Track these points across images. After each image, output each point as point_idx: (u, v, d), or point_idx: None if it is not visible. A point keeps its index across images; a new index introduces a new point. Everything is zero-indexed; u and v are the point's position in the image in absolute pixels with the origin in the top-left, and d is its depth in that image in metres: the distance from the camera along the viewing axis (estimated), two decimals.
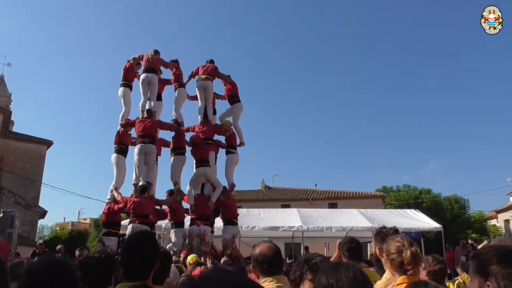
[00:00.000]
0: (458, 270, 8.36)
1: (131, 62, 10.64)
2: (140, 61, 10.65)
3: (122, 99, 10.46)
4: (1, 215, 6.86)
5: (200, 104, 10.68)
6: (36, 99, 74.54)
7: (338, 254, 4.10)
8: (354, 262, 3.25)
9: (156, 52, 10.59)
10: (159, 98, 10.93)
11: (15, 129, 28.92)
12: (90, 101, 78.19)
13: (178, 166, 10.27)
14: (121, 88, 10.49)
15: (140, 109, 10.37)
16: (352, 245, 3.57)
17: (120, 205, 9.00)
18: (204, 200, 9.83)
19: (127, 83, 10.59)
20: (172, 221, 9.95)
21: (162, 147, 10.75)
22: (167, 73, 11.32)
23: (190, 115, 10.81)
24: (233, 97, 11.06)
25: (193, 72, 11.07)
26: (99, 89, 71.90)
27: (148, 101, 10.40)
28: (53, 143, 27.12)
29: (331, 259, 4.02)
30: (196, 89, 10.80)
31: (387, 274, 2.78)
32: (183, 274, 4.28)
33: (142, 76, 10.37)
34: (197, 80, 10.74)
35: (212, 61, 10.89)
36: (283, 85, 68.98)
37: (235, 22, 75.82)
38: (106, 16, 74.23)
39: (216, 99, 11.37)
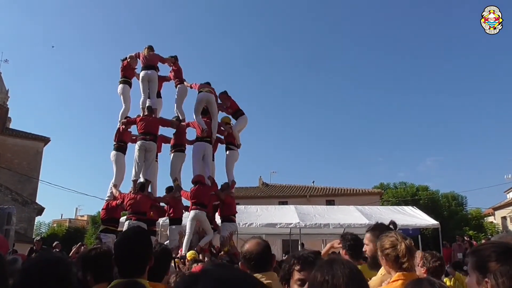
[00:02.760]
0: (449, 270, 8.25)
1: (128, 60, 10.58)
2: (138, 58, 10.59)
3: (121, 96, 10.40)
4: None
5: (195, 117, 10.21)
6: (33, 96, 74.27)
7: (328, 248, 4.11)
8: (353, 259, 3.24)
9: (151, 48, 10.51)
10: (158, 95, 10.86)
11: (12, 126, 28.79)
12: (87, 98, 77.95)
13: (178, 162, 10.25)
14: (120, 85, 10.43)
15: (141, 106, 10.28)
16: (352, 243, 3.54)
17: (118, 202, 9.02)
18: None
19: (126, 80, 10.53)
20: (169, 218, 9.93)
21: (162, 144, 10.73)
22: (164, 71, 11.27)
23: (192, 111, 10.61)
24: (236, 113, 10.80)
25: (191, 85, 10.76)
26: (96, 86, 71.78)
27: (148, 99, 10.32)
28: (50, 140, 27.12)
29: (322, 254, 4.01)
30: (197, 102, 10.28)
31: (382, 270, 2.78)
32: (177, 272, 4.26)
33: (142, 74, 10.28)
34: (198, 92, 10.31)
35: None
36: (280, 83, 68.97)
37: (230, 19, 75.64)
38: (103, 12, 73.91)
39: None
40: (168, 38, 73.48)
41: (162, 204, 10.05)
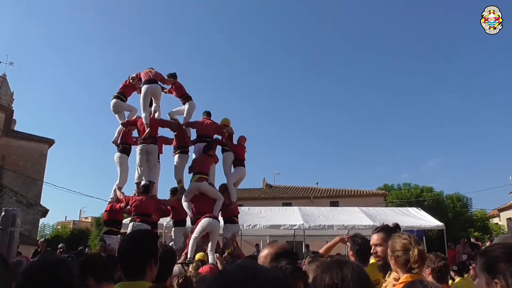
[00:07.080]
0: (452, 274, 8.06)
1: (130, 80, 10.34)
2: (140, 75, 10.30)
3: (117, 115, 10.11)
4: (3, 213, 6.83)
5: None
6: (38, 98, 74.67)
7: (332, 245, 4.06)
8: (360, 262, 3.21)
9: (152, 69, 10.31)
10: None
11: (17, 128, 28.94)
12: (92, 100, 78.34)
13: (182, 164, 10.21)
14: (114, 100, 10.09)
15: (142, 116, 9.95)
16: (361, 248, 3.49)
17: (122, 204, 9.02)
18: (205, 198, 9.71)
19: (120, 96, 10.21)
20: (173, 220, 9.92)
21: (163, 145, 10.69)
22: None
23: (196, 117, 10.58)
24: (236, 160, 10.49)
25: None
26: (100, 88, 72.10)
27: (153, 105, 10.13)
28: (54, 142, 27.19)
29: (321, 250, 3.97)
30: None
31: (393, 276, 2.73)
32: (183, 274, 4.22)
33: (145, 87, 9.83)
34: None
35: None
36: (283, 84, 69.01)
37: (233, 22, 75.77)
38: (107, 15, 74.25)
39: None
40: (168, 39, 73.72)
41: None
